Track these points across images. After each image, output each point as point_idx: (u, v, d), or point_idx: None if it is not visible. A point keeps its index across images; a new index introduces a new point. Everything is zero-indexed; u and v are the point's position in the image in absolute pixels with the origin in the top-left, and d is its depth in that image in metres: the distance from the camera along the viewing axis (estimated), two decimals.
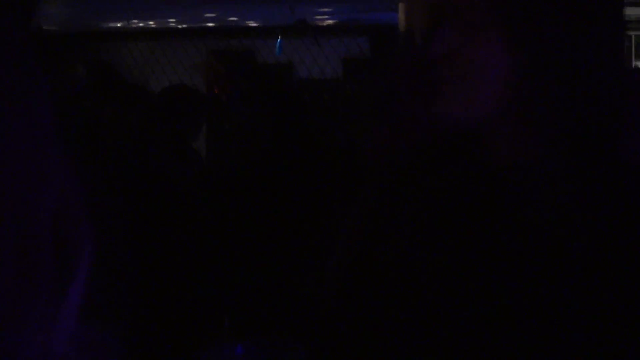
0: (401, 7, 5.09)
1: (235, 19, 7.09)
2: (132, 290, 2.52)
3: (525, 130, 1.20)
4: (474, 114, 1.23)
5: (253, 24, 7.26)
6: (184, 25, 7.51)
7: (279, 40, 6.23)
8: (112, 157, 3.52)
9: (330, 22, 6.87)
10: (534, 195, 1.17)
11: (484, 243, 1.21)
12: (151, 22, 7.42)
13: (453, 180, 1.28)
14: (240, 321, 3.22)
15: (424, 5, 1.24)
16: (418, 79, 1.25)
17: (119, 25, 7.15)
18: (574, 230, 1.14)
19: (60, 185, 0.66)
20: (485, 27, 1.19)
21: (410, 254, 1.26)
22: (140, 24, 7.35)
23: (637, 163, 1.18)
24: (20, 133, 0.65)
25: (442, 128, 1.27)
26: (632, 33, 6.00)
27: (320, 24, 6.77)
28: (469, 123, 1.24)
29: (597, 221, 1.15)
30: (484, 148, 1.26)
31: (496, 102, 1.21)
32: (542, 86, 1.18)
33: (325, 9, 6.36)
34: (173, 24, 7.54)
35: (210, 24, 7.34)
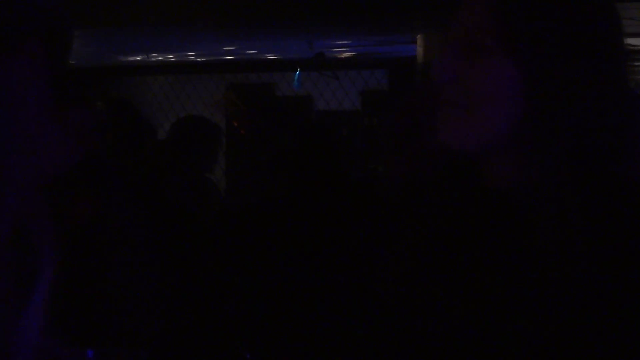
0: (420, 39, 5.10)
1: (253, 52, 7.11)
2: (153, 320, 2.51)
3: (529, 154, 1.22)
4: (478, 138, 1.25)
5: (271, 57, 7.28)
6: (203, 59, 7.54)
7: (297, 73, 6.25)
8: (129, 190, 3.52)
9: (349, 54, 6.88)
10: (539, 217, 1.19)
11: (488, 264, 1.24)
12: (170, 56, 7.46)
13: (458, 202, 1.30)
14: (261, 355, 3.20)
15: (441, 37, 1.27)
16: (428, 105, 1.29)
17: (138, 59, 7.20)
18: (577, 252, 1.16)
19: (21, 195, 0.66)
20: (489, 53, 1.22)
21: (419, 273, 1.29)
22: (160, 58, 7.39)
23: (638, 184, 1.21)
24: None
25: (448, 152, 1.31)
26: None
27: (339, 56, 6.78)
28: (474, 147, 1.27)
29: (600, 243, 1.16)
30: (489, 171, 1.29)
31: (500, 127, 1.23)
32: (544, 111, 1.20)
33: (344, 42, 6.37)
34: (192, 58, 7.57)
35: (229, 57, 7.37)
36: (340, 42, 6.34)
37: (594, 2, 1.24)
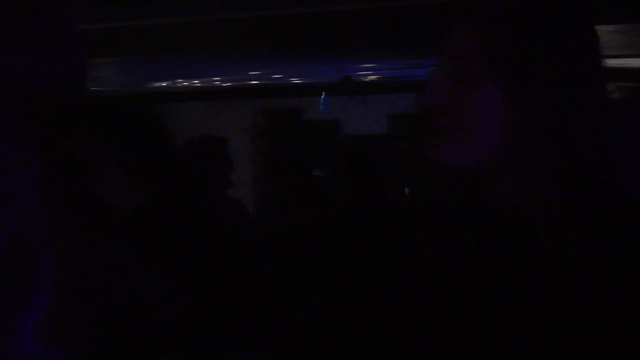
0: None
1: (280, 76, 7.12)
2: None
3: (523, 173, 1.28)
4: (473, 159, 1.30)
5: (298, 81, 7.28)
6: (229, 84, 7.55)
7: (322, 96, 6.24)
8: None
9: (376, 77, 6.87)
10: (534, 233, 1.25)
11: (487, 281, 1.28)
12: (196, 82, 7.48)
13: (457, 221, 1.36)
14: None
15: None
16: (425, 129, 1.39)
17: (164, 84, 7.23)
18: (574, 267, 1.21)
19: (20, 207, 0.64)
20: (478, 78, 1.27)
21: (421, 290, 1.34)
22: (185, 84, 7.42)
23: (634, 195, 1.28)
24: None
25: (445, 174, 1.37)
26: None
27: (366, 79, 6.77)
28: (470, 167, 1.32)
29: (597, 257, 1.21)
30: (485, 191, 1.34)
31: (494, 148, 1.28)
32: (536, 130, 1.26)
33: (371, 65, 6.36)
34: (218, 83, 7.59)
35: (255, 82, 7.38)
36: (368, 65, 6.33)
37: (574, 28, 1.31)
